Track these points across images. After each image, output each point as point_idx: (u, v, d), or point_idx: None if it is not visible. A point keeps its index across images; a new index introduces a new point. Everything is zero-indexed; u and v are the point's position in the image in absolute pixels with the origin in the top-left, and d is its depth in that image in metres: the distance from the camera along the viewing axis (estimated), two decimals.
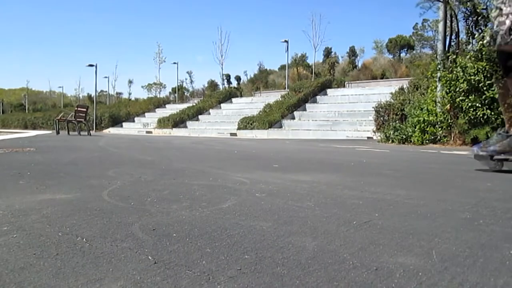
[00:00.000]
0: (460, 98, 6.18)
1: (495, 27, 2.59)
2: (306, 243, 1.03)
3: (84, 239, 1.04)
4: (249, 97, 24.83)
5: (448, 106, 6.58)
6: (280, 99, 18.42)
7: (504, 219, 1.33)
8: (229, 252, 0.95)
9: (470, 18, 7.03)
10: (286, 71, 27.19)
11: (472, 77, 5.96)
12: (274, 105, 17.46)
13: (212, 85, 36.69)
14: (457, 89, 6.23)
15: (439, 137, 6.87)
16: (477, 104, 5.93)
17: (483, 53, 5.95)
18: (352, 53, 34.57)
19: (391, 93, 12.62)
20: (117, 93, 45.71)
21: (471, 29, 6.99)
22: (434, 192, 1.92)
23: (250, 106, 20.28)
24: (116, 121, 24.25)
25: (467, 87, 6.06)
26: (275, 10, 77.03)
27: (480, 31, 6.68)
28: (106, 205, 1.47)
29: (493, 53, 5.20)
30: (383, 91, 15.55)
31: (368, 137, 10.44)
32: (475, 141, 6.10)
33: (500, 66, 2.70)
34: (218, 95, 24.29)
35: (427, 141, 6.97)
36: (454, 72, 6.32)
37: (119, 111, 25.54)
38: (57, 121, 13.11)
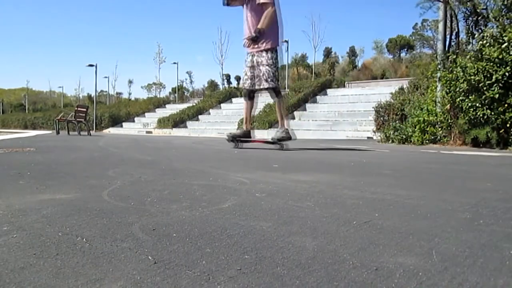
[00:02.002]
0: (460, 98, 6.18)
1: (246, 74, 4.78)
2: (306, 243, 1.03)
3: (84, 239, 1.04)
4: None
5: (448, 106, 6.58)
6: None
7: (504, 219, 1.33)
8: (229, 252, 0.95)
9: (470, 18, 7.03)
10: (286, 71, 27.21)
11: (472, 77, 5.96)
12: (274, 105, 17.45)
13: (212, 85, 36.73)
14: (457, 89, 6.23)
15: (439, 137, 6.87)
16: (477, 104, 5.92)
17: (483, 53, 5.95)
18: (352, 53, 34.58)
19: (391, 93, 12.63)
20: (117, 93, 45.75)
21: (471, 29, 6.98)
22: (434, 192, 1.92)
23: None
24: (116, 121, 24.26)
25: (467, 87, 6.06)
26: None
27: (480, 31, 6.68)
28: (106, 205, 1.47)
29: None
30: (383, 91, 15.56)
31: (368, 137, 10.44)
32: (475, 141, 6.10)
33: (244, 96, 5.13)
34: (218, 95, 24.29)
35: (427, 141, 6.97)
36: (454, 72, 6.32)
37: (119, 111, 25.54)
38: (57, 121, 13.10)
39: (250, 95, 4.91)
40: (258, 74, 4.66)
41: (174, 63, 31.84)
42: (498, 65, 5.77)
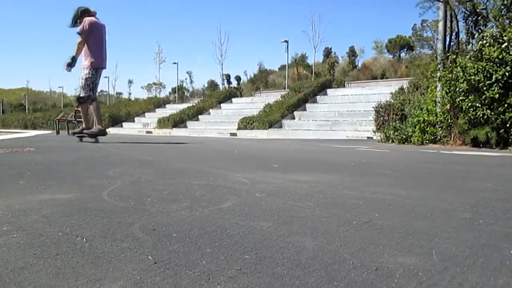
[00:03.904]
0: (460, 98, 6.18)
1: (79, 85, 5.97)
2: (306, 243, 1.03)
3: (84, 239, 1.04)
4: (249, 97, 24.83)
5: (448, 106, 6.58)
6: (280, 99, 18.41)
7: (504, 219, 1.33)
8: (229, 252, 0.95)
9: (470, 18, 7.03)
10: (286, 71, 27.18)
11: (472, 77, 5.96)
12: (274, 105, 17.45)
13: (212, 85, 36.75)
14: (457, 89, 6.23)
15: (439, 137, 6.87)
16: (477, 104, 5.92)
17: (483, 53, 5.95)
18: (352, 53, 34.59)
19: (391, 93, 12.63)
20: (117, 93, 45.72)
21: (471, 29, 6.99)
22: (434, 192, 1.92)
23: (250, 106, 20.28)
24: (116, 121, 24.23)
25: (467, 87, 6.06)
26: (275, 10, 77.07)
27: (480, 31, 6.68)
28: (106, 205, 1.47)
29: None
30: (383, 91, 15.55)
31: (368, 137, 10.44)
32: (475, 141, 6.10)
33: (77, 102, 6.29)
34: (218, 95, 24.28)
35: (427, 141, 6.97)
36: (454, 72, 6.32)
37: (119, 111, 25.52)
38: (57, 121, 13.09)
39: (80, 100, 6.06)
40: (80, 84, 5.98)
41: (174, 63, 31.79)
42: (498, 65, 5.77)
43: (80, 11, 5.91)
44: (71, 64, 5.78)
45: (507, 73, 5.66)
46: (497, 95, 5.69)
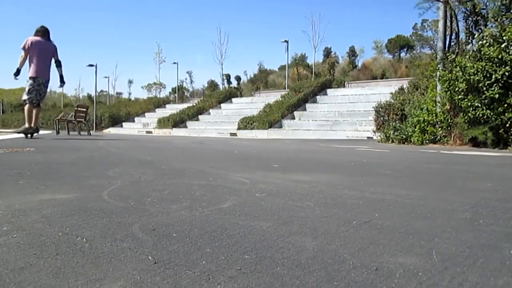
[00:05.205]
0: (459, 97, 6.18)
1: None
2: (306, 243, 1.03)
3: (84, 239, 1.04)
4: (249, 97, 24.83)
5: (447, 106, 6.59)
6: (280, 99, 18.42)
7: (504, 219, 1.33)
8: (229, 252, 0.95)
9: (470, 18, 7.04)
10: (286, 71, 27.17)
11: (472, 77, 5.96)
12: (274, 105, 17.46)
13: (212, 85, 36.71)
14: (457, 89, 6.23)
15: (439, 137, 6.88)
16: (477, 104, 5.92)
17: (483, 53, 5.95)
18: (352, 53, 34.55)
19: (391, 93, 12.63)
20: (117, 93, 45.65)
21: (470, 29, 7.00)
22: (434, 192, 1.92)
23: (250, 106, 20.28)
24: (116, 121, 24.23)
25: (466, 86, 6.06)
26: (275, 10, 76.92)
27: (480, 31, 6.69)
28: (106, 205, 1.47)
29: None
30: (383, 91, 15.57)
31: (368, 137, 10.45)
32: (474, 141, 6.10)
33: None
34: (218, 95, 24.28)
35: (427, 141, 6.97)
36: (454, 72, 6.32)
37: (119, 111, 25.51)
38: (57, 121, 13.07)
39: (23, 103, 7.08)
40: None
41: (174, 63, 31.74)
42: (497, 64, 5.78)
43: (36, 31, 7.11)
44: (16, 74, 7.00)
45: (506, 73, 5.66)
46: (496, 95, 5.69)
